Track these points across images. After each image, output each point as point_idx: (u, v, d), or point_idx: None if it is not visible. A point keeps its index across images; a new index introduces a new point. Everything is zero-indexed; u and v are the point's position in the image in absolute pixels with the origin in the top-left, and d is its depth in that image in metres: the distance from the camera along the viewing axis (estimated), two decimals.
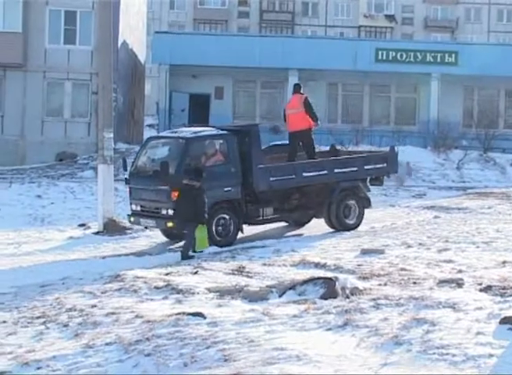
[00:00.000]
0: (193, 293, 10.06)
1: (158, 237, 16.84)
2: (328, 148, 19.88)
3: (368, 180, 18.16)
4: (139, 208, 16.23)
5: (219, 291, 10.13)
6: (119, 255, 14.95)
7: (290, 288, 9.97)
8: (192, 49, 35.36)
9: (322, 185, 17.19)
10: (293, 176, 16.65)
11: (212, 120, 36.71)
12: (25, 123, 31.36)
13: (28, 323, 9.18)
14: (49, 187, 23.67)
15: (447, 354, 6.83)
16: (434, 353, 6.87)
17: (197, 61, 35.16)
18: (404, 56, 37.09)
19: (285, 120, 17.97)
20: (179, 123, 35.66)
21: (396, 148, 18.64)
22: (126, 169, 16.78)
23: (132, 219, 16.39)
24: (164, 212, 15.46)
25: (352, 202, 17.45)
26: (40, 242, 16.96)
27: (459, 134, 35.21)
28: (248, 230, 16.51)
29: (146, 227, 16.62)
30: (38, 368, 7.22)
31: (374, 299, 9.07)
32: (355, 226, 17.20)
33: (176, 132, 17.20)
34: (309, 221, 18.14)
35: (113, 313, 9.13)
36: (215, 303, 9.46)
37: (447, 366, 6.57)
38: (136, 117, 39.42)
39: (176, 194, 14.85)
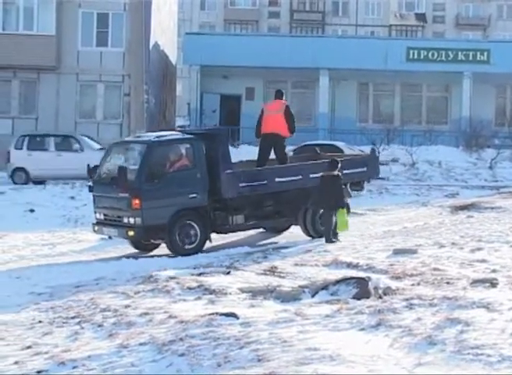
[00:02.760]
0: (225, 293, 10.09)
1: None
2: (328, 152, 19.22)
3: (349, 185, 16.97)
4: (102, 216, 15.58)
5: (252, 292, 10.16)
6: (152, 256, 15.04)
7: (323, 288, 9.97)
8: (223, 50, 35.42)
9: (298, 191, 16.20)
10: (265, 182, 15.82)
11: (243, 121, 36.81)
12: (58, 124, 31.61)
13: (63, 322, 9.27)
14: (82, 188, 23.79)
15: (482, 354, 6.79)
16: (468, 353, 6.83)
17: (227, 62, 35.22)
18: (436, 55, 36.87)
19: (260, 123, 16.85)
20: (211, 124, 35.88)
21: (377, 152, 17.81)
22: (91, 177, 16.11)
23: (96, 228, 15.68)
24: (125, 220, 14.86)
25: None
26: (74, 243, 17.13)
27: (491, 133, 34.89)
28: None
29: (110, 237, 15.97)
30: (74, 367, 7.29)
31: (407, 299, 9.03)
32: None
33: (140, 137, 16.63)
34: (288, 228, 17.26)
35: (147, 313, 9.19)
36: (248, 303, 9.48)
37: (482, 366, 6.53)
38: (167, 118, 39.59)
39: (137, 201, 14.51)
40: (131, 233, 14.78)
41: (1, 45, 31.08)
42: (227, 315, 8.57)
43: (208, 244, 15.36)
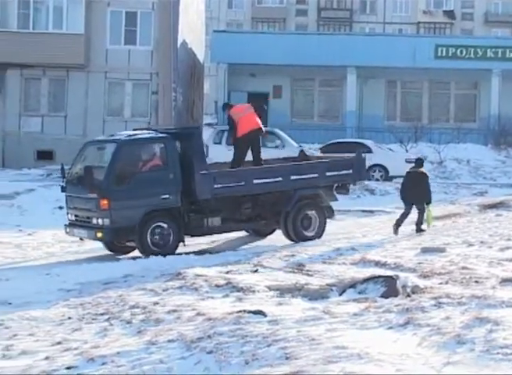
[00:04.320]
0: (253, 291, 10.11)
1: (218, 235, 16.87)
2: (323, 153, 19.21)
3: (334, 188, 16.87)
4: (74, 217, 15.25)
5: (279, 289, 10.17)
6: (180, 254, 15.09)
7: (351, 287, 9.97)
8: (250, 48, 35.46)
9: (278, 193, 15.95)
10: (242, 184, 15.43)
11: (271, 119, 36.78)
12: (87, 122, 31.82)
13: (92, 319, 9.34)
14: None
15: (511, 354, 6.75)
16: (497, 353, 6.79)
17: (255, 60, 35.26)
18: (464, 52, 36.66)
19: (235, 127, 16.40)
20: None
21: (363, 154, 17.20)
22: (64, 177, 15.63)
23: (67, 229, 15.36)
24: (94, 221, 14.55)
25: (312, 212, 16.08)
26: None
27: None
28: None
29: (81, 238, 15.43)
30: (103, 363, 7.34)
31: (435, 298, 9.00)
32: (315, 238, 15.79)
33: (112, 135, 16.18)
34: (272, 232, 16.93)
35: (175, 311, 9.23)
36: (276, 301, 9.49)
37: None
38: (195, 116, 39.59)
39: (105, 202, 14.23)
40: (99, 234, 14.47)
41: (31, 44, 31.31)
42: (255, 312, 8.58)
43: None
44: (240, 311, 8.71)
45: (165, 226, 14.72)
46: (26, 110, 32.90)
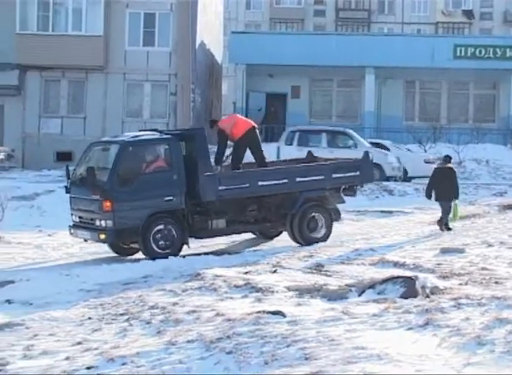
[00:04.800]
0: (272, 291, 10.11)
1: (237, 236, 16.88)
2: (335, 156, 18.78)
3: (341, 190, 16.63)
4: (78, 219, 15.20)
5: (298, 290, 10.17)
6: (199, 254, 15.12)
7: (370, 287, 9.95)
8: (268, 49, 35.46)
9: (284, 195, 15.77)
10: (247, 185, 15.23)
11: (289, 119, 36.83)
12: (106, 124, 31.97)
13: (112, 319, 9.39)
14: None
15: None
16: None
17: (273, 60, 35.25)
18: (483, 52, 36.48)
19: (227, 136, 16.13)
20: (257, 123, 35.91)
21: (370, 155, 16.92)
22: (69, 177, 15.49)
23: (72, 231, 15.32)
24: (97, 223, 14.48)
25: (318, 214, 15.89)
26: None
27: None
28: None
29: (85, 240, 15.34)
30: (123, 364, 7.37)
31: (455, 299, 8.97)
32: (322, 241, 15.54)
33: (116, 136, 16.15)
34: (279, 234, 16.80)
35: (194, 311, 9.26)
36: (295, 302, 9.50)
37: None
38: (213, 117, 39.74)
39: (108, 204, 14.13)
40: (102, 236, 14.41)
41: (51, 46, 31.52)
42: (274, 313, 8.59)
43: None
44: (260, 311, 8.73)
45: (168, 228, 14.64)
46: (46, 112, 33.12)
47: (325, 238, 15.77)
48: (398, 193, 24.85)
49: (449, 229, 16.15)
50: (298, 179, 15.70)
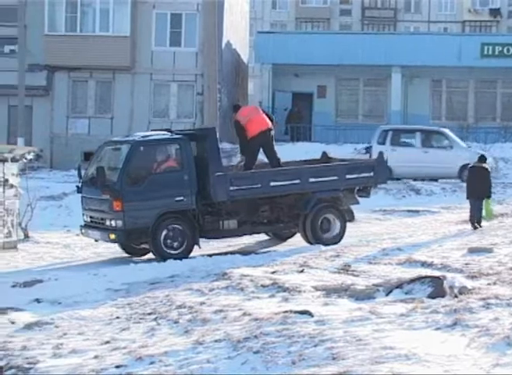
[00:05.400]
0: (299, 291, 10.11)
1: (262, 235, 16.88)
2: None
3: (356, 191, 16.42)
4: (89, 219, 15.17)
5: (325, 290, 10.17)
6: (225, 253, 15.15)
7: (397, 287, 9.92)
8: (294, 48, 35.43)
9: (297, 196, 15.64)
10: (259, 186, 15.11)
11: (315, 119, 36.76)
12: (133, 124, 32.09)
13: (140, 318, 9.44)
14: None
15: None
16: None
17: (299, 60, 35.22)
18: (511, 50, 36.16)
19: (242, 130, 15.97)
20: (283, 122, 35.92)
21: (385, 156, 16.66)
22: (80, 177, 15.46)
23: (83, 231, 15.36)
24: (108, 223, 14.46)
25: (331, 215, 15.74)
26: None
27: None
28: None
29: (96, 240, 15.42)
30: (151, 363, 7.41)
31: (483, 299, 8.91)
32: (335, 242, 15.32)
33: (128, 136, 16.10)
34: (292, 235, 16.52)
35: (221, 311, 9.28)
36: (322, 301, 9.49)
37: None
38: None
39: (119, 203, 14.09)
40: (112, 236, 14.36)
41: (79, 47, 31.72)
42: (301, 312, 8.60)
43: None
44: (287, 311, 8.73)
45: (179, 228, 14.58)
46: (74, 112, 33.34)
47: (337, 239, 15.60)
48: (425, 192, 24.73)
49: (480, 226, 16.19)
50: (311, 179, 15.58)
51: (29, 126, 31.10)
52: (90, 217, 15.13)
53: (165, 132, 15.84)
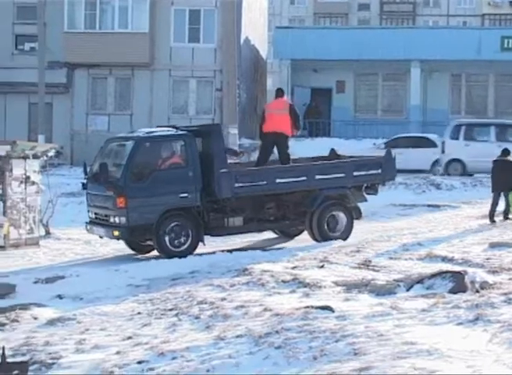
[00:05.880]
0: (320, 287, 10.12)
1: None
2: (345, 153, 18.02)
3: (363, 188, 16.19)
4: (94, 215, 15.06)
5: (346, 285, 10.17)
6: (245, 249, 15.17)
7: (418, 282, 9.91)
8: (313, 43, 35.36)
9: (303, 193, 15.45)
10: (264, 183, 14.94)
11: (334, 114, 36.69)
12: (152, 120, 32.12)
13: (161, 314, 9.48)
14: None
15: None
16: None
17: (318, 55, 35.15)
18: None
19: (263, 121, 16.08)
20: (301, 118, 35.86)
21: (392, 153, 16.51)
22: (86, 174, 15.32)
23: (88, 227, 15.24)
24: (111, 219, 14.38)
25: (338, 213, 15.53)
26: None
27: None
28: None
29: (101, 237, 15.24)
30: (173, 358, 7.44)
31: (505, 294, 8.89)
32: (342, 240, 15.17)
33: (132, 132, 15.94)
34: (300, 233, 16.25)
35: (242, 306, 9.30)
36: (343, 297, 9.50)
37: None
38: (258, 113, 39.74)
39: (122, 200, 13.98)
40: (116, 233, 14.27)
41: (98, 44, 31.85)
42: (322, 308, 8.60)
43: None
44: (308, 306, 8.74)
45: (183, 225, 14.45)
46: (93, 109, 33.50)
47: (344, 237, 15.40)
48: (445, 187, 24.64)
49: (507, 219, 16.48)
50: (318, 176, 15.39)
51: (49, 124, 31.25)
52: (95, 214, 15.05)
53: (170, 128, 15.82)
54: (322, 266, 11.75)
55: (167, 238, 14.36)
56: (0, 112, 33.19)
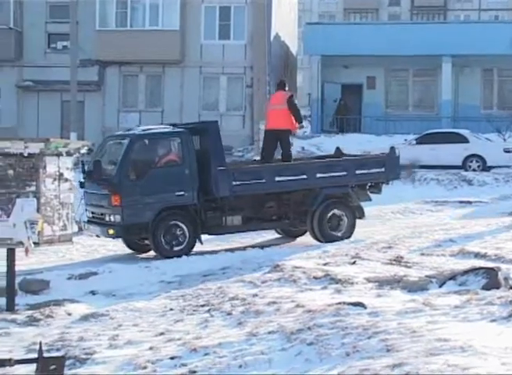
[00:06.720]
0: (351, 283, 10.09)
1: None
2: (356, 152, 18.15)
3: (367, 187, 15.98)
4: (91, 214, 14.93)
5: (378, 281, 10.14)
6: (277, 245, 15.19)
7: (450, 278, 9.85)
8: (343, 39, 35.24)
9: (304, 192, 15.24)
10: (263, 181, 14.74)
11: (365, 110, 36.56)
12: (183, 117, 32.25)
13: (193, 310, 9.52)
14: None
15: None
16: None
17: (348, 51, 35.02)
18: None
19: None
20: (332, 114, 35.84)
21: (397, 151, 16.12)
22: (84, 172, 15.03)
23: (85, 226, 15.23)
24: (107, 218, 14.20)
25: (339, 212, 15.30)
26: None
27: None
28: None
29: (98, 236, 15.08)
30: (206, 354, 7.46)
31: None
32: (343, 239, 14.94)
33: (129, 130, 15.76)
34: (303, 233, 16.07)
35: (274, 302, 9.30)
36: (375, 293, 9.46)
37: None
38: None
39: (117, 198, 13.85)
40: (111, 231, 14.09)
41: (129, 41, 32.06)
42: (354, 304, 8.58)
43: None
44: (340, 303, 8.72)
45: (180, 224, 14.29)
46: (125, 106, 33.72)
47: (346, 236, 15.16)
48: (477, 183, 24.49)
49: None
50: (318, 175, 15.17)
51: (81, 121, 31.51)
52: (92, 213, 14.92)
53: (167, 126, 15.67)
54: (354, 263, 11.73)
55: (163, 237, 14.21)
56: (33, 110, 33.53)
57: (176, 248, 14.25)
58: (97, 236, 15.20)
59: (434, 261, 11.58)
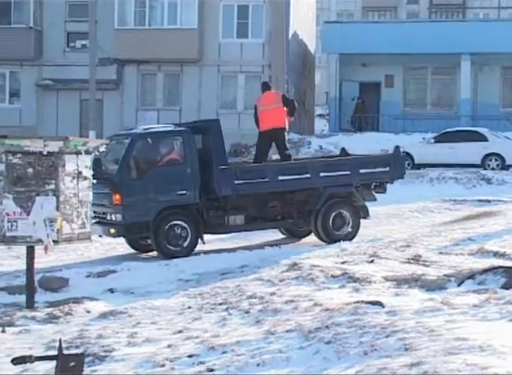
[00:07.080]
0: (369, 282, 10.08)
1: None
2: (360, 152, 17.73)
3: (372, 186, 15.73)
4: (93, 214, 14.41)
5: (396, 280, 10.12)
6: (294, 244, 15.18)
7: (469, 277, 9.83)
8: (361, 38, 35.20)
9: (308, 191, 15.07)
10: (266, 180, 14.59)
11: (383, 108, 36.50)
12: (201, 116, 32.29)
13: (211, 308, 9.53)
14: None
15: None
16: None
17: (366, 49, 34.98)
18: None
19: (257, 119, 15.74)
20: (350, 112, 35.80)
21: (401, 150, 15.96)
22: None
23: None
24: (108, 217, 14.11)
25: (343, 211, 15.10)
26: None
27: None
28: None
29: (100, 235, 14.70)
30: (224, 352, 7.47)
31: None
32: (347, 239, 14.72)
33: (132, 129, 15.64)
34: (308, 234, 15.83)
35: (292, 301, 9.30)
36: (393, 292, 9.44)
37: None
38: (306, 107, 39.74)
39: (118, 197, 13.79)
40: (112, 230, 14.03)
41: (147, 40, 32.19)
42: (373, 303, 8.57)
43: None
44: (358, 301, 8.71)
45: (181, 223, 14.19)
46: (143, 105, 33.85)
47: (351, 236, 14.99)
48: (496, 182, 24.38)
49: None
50: (322, 174, 15.01)
51: (100, 120, 31.65)
52: (94, 212, 14.76)
53: (169, 125, 15.57)
54: (372, 261, 11.70)
55: (165, 237, 14.11)
56: (52, 108, 33.72)
57: (177, 248, 14.18)
58: (100, 236, 15.00)
59: (452, 260, 11.54)
